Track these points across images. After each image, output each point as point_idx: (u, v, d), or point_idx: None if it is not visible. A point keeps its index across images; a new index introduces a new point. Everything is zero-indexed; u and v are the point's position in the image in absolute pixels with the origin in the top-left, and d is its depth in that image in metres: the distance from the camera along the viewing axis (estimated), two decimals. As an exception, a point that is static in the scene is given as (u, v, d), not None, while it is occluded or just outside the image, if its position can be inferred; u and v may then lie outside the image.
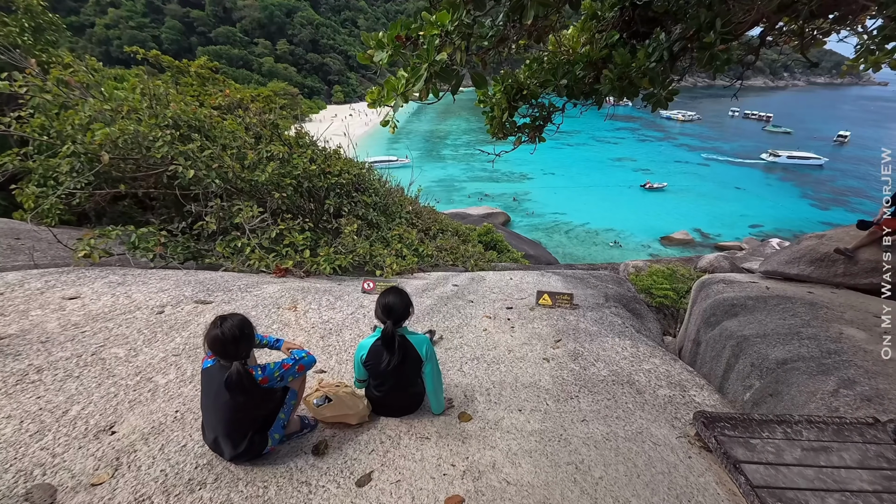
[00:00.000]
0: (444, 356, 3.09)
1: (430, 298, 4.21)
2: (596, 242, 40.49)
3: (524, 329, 3.45)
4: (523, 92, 3.30)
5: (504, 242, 11.93)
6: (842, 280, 4.96)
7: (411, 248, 7.17)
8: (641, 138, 79.85)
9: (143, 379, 2.42)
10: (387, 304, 2.37)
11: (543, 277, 6.90)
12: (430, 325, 3.47)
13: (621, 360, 3.10)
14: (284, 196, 5.91)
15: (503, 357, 3.14)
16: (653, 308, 8.38)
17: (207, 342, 1.89)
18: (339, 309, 3.59)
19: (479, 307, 3.96)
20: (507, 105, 3.34)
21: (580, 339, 3.31)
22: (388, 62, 2.40)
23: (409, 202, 8.81)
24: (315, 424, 2.34)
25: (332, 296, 3.87)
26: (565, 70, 3.13)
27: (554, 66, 3.18)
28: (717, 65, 2.87)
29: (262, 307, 3.48)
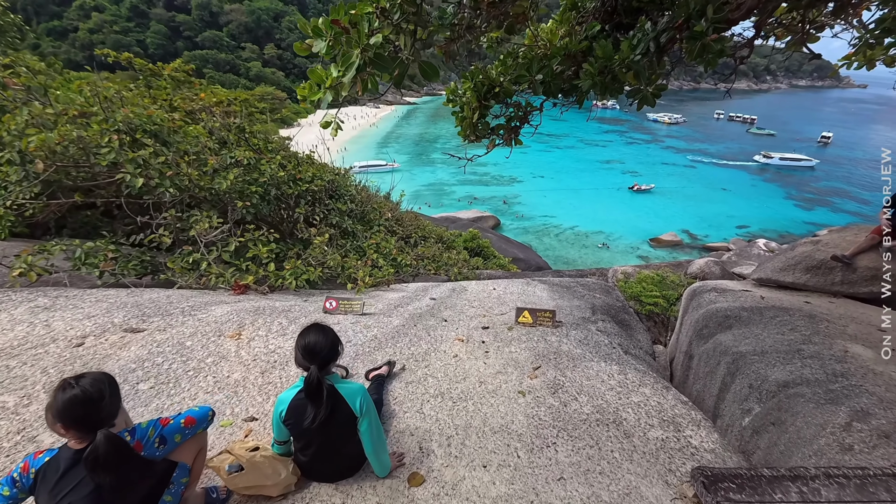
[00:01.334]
0: (404, 392, 2.71)
1: (399, 317, 3.82)
2: (585, 245, 40.51)
3: (500, 354, 3.07)
4: (495, 90, 2.95)
5: (490, 248, 11.58)
6: (840, 289, 4.68)
7: (388, 257, 6.79)
8: (629, 141, 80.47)
9: (24, 438, 2.00)
10: (307, 344, 1.90)
11: (528, 287, 6.56)
12: (393, 353, 3.06)
13: (607, 391, 2.73)
14: (249, 205, 5.49)
15: (472, 391, 2.74)
16: (643, 316, 8.10)
17: (56, 413, 1.38)
18: (291, 335, 3.17)
19: (452, 327, 3.58)
20: (478, 104, 2.98)
21: (562, 366, 2.94)
22: (327, 53, 2.03)
23: (388, 208, 8.42)
24: (227, 497, 1.89)
25: (287, 318, 3.47)
26: (541, 64, 2.79)
27: (529, 60, 2.83)
28: (709, 57, 2.55)
29: (200, 335, 3.06)
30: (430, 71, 2.00)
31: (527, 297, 5.83)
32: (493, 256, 11.36)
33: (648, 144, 77.88)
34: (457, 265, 8.44)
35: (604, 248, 39.64)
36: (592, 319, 4.49)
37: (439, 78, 2.18)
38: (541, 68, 2.78)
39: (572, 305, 5.23)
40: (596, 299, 5.98)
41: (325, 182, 6.77)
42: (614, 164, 64.50)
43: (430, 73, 1.99)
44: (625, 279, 8.39)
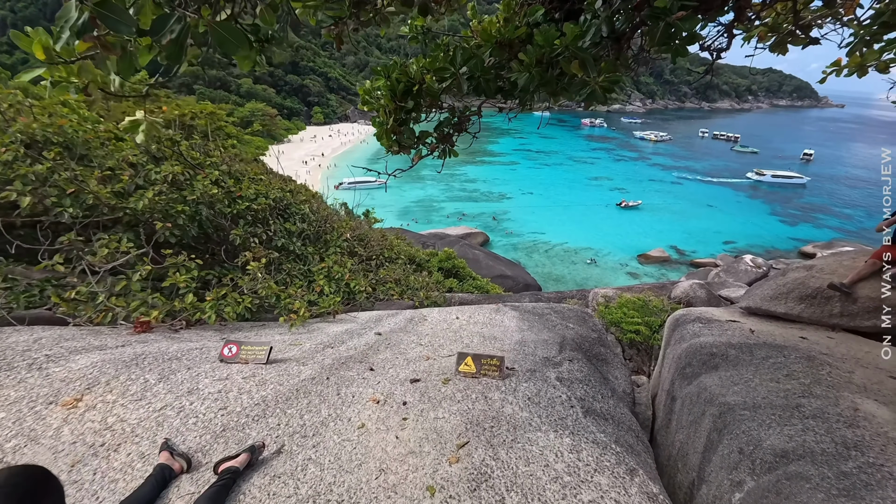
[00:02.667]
0: (263, 494, 1.97)
1: (315, 365, 3.11)
2: (574, 261, 40.21)
3: (421, 422, 2.37)
4: (414, 88, 2.35)
5: (466, 269, 10.95)
6: (839, 321, 4.09)
7: (340, 283, 6.11)
8: (617, 158, 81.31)
9: None
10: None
11: (497, 315, 5.93)
12: (277, 424, 2.37)
13: (549, 483, 2.01)
14: (171, 226, 4.80)
15: (365, 487, 2.00)
16: (625, 344, 7.46)
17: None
18: (151, 398, 2.43)
19: (374, 381, 2.89)
20: (394, 106, 2.38)
21: (497, 440, 2.23)
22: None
23: (349, 228, 7.77)
24: None
25: (162, 372, 2.76)
26: (468, 56, 2.20)
27: (453, 51, 2.25)
28: (676, 45, 1.97)
29: (25, 402, 2.33)
30: (227, 40, 1.35)
31: (492, 328, 5.19)
32: (469, 277, 10.72)
33: (636, 161, 78.73)
34: (425, 289, 7.78)
35: (592, 264, 39.37)
36: (556, 360, 3.84)
37: (247, 54, 1.55)
38: (467, 60, 2.18)
39: (539, 340, 4.59)
40: (568, 330, 5.35)
41: (271, 200, 6.11)
42: (602, 180, 64.89)
43: (229, 44, 1.35)
44: (605, 303, 7.78)
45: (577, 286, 35.42)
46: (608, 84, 1.87)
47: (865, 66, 4.49)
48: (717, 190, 60.97)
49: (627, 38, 2.25)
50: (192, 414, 2.25)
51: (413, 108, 2.38)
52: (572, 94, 1.98)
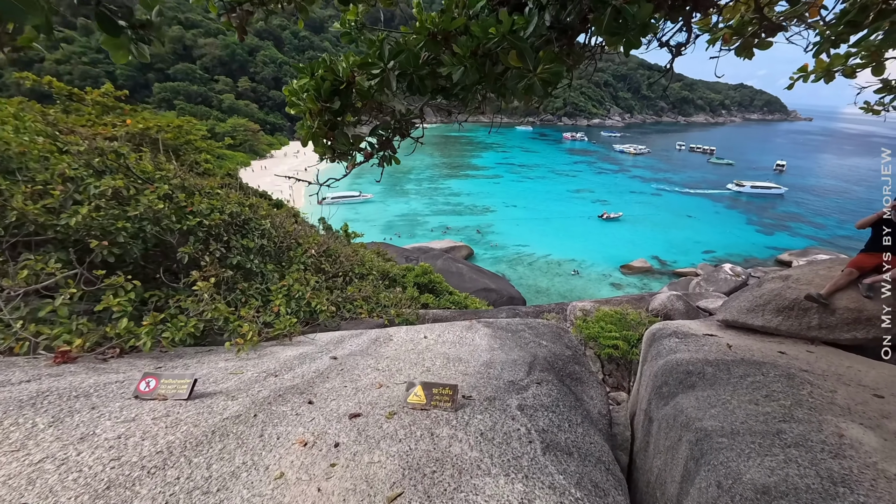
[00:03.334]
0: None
1: (245, 400, 2.71)
2: (558, 273, 40.31)
3: (351, 469, 2.00)
4: (342, 87, 2.09)
5: (443, 284, 10.65)
6: (818, 334, 3.91)
7: (301, 302, 5.75)
8: (598, 171, 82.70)
9: None
10: None
11: (468, 333, 5.65)
12: (177, 476, 1.93)
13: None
14: (106, 244, 4.41)
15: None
16: (603, 358, 7.22)
17: None
18: (32, 448, 1.92)
19: (308, 417, 2.52)
20: (319, 108, 2.10)
21: (436, 490, 1.86)
22: None
23: (316, 243, 7.43)
24: None
25: (58, 413, 2.35)
26: (397, 50, 1.94)
27: (382, 45, 1.99)
28: (627, 34, 1.75)
29: None
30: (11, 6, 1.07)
31: (460, 347, 4.89)
32: (446, 292, 10.41)
33: (616, 174, 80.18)
34: (396, 306, 7.45)
35: (576, 275, 39.52)
36: (523, 384, 3.54)
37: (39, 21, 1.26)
38: (397, 54, 1.93)
39: (508, 360, 4.30)
40: (541, 348, 5.07)
41: (226, 215, 5.74)
42: (584, 192, 65.75)
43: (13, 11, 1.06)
44: (583, 316, 7.55)
45: (561, 298, 35.38)
46: (549, 76, 1.63)
47: (832, 72, 4.42)
48: (696, 201, 62.30)
49: (578, 29, 2.03)
50: (76, 467, 1.87)
51: (340, 110, 2.10)
52: (510, 87, 1.74)
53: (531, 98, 1.77)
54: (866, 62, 4.26)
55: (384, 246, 26.07)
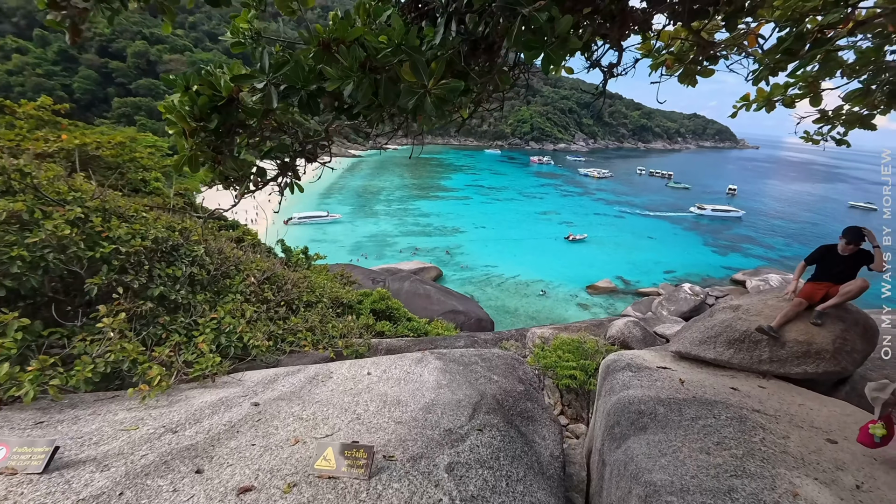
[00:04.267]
0: None
1: (116, 471, 2.20)
2: (526, 294, 40.51)
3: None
4: (222, 103, 1.76)
5: (402, 310, 10.22)
6: (769, 367, 3.78)
7: (232, 336, 5.23)
8: (564, 193, 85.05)
9: None
10: None
11: (417, 367, 5.28)
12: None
13: None
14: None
15: None
16: (562, 389, 6.97)
17: None
18: None
19: (186, 494, 2.10)
20: (194, 127, 1.76)
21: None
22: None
23: (257, 269, 6.92)
24: None
25: None
26: (280, 61, 1.64)
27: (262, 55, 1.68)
28: (545, 49, 1.52)
29: None
30: None
31: (404, 386, 4.50)
32: (404, 319, 9.98)
33: (581, 196, 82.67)
34: (346, 336, 6.98)
35: (544, 296, 39.81)
36: (462, 432, 3.20)
37: None
38: (280, 66, 1.62)
39: (452, 401, 3.95)
40: (491, 385, 4.76)
41: (149, 241, 5.20)
42: (551, 214, 67.20)
43: None
44: (542, 344, 7.32)
45: (529, 318, 35.42)
46: (443, 92, 1.37)
47: (773, 101, 4.46)
48: (656, 223, 64.82)
49: (499, 43, 1.79)
50: None
51: (220, 129, 1.77)
52: (401, 105, 1.47)
53: (430, 118, 1.50)
54: (804, 93, 4.33)
55: (350, 267, 25.36)
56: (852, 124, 4.64)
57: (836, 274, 3.89)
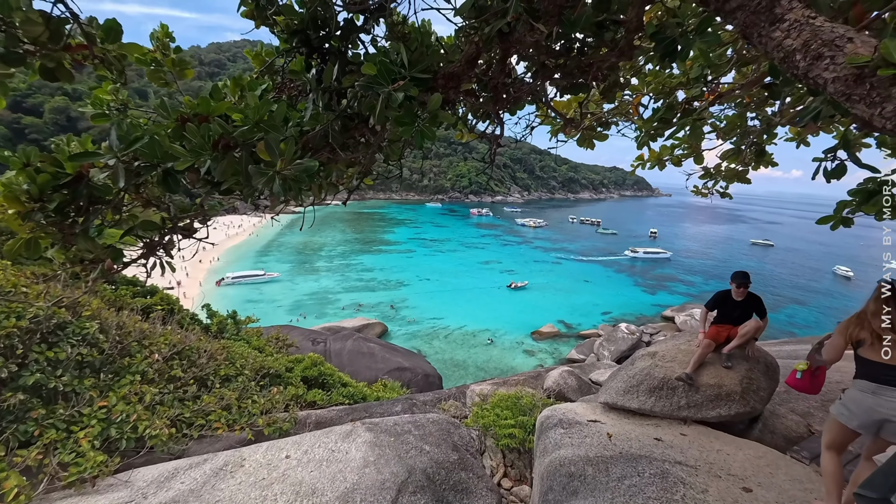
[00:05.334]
0: None
1: None
2: (474, 344, 40.31)
3: None
4: (67, 181, 1.56)
5: (336, 375, 9.59)
6: (688, 413, 3.88)
7: (125, 427, 4.53)
8: (504, 242, 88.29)
9: None
10: None
11: (344, 442, 4.88)
12: None
13: None
14: None
15: None
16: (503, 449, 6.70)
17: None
18: None
19: None
20: (28, 208, 1.54)
21: None
22: None
23: (167, 343, 6.22)
24: None
25: None
26: (130, 137, 1.50)
27: (110, 129, 1.54)
28: (418, 124, 1.51)
29: None
30: None
31: (325, 469, 4.09)
32: (339, 384, 9.34)
33: (520, 245, 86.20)
34: (268, 413, 6.33)
35: (491, 344, 39.81)
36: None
37: None
38: (131, 142, 1.48)
39: (375, 483, 3.60)
40: (422, 457, 4.46)
41: (26, 321, 4.51)
42: (493, 264, 68.98)
43: None
44: (481, 401, 7.08)
45: (477, 369, 34.97)
46: (297, 174, 1.30)
47: (663, 160, 4.96)
48: (591, 267, 68.65)
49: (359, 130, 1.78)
50: None
51: (61, 209, 1.56)
52: (255, 185, 1.38)
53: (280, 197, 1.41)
54: (689, 153, 4.86)
55: (288, 329, 23.88)
56: (731, 179, 5.23)
57: (736, 317, 4.19)
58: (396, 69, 1.46)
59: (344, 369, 22.10)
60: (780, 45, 1.00)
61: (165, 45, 2.12)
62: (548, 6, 1.35)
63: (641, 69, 3.58)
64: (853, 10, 1.21)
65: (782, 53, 1.00)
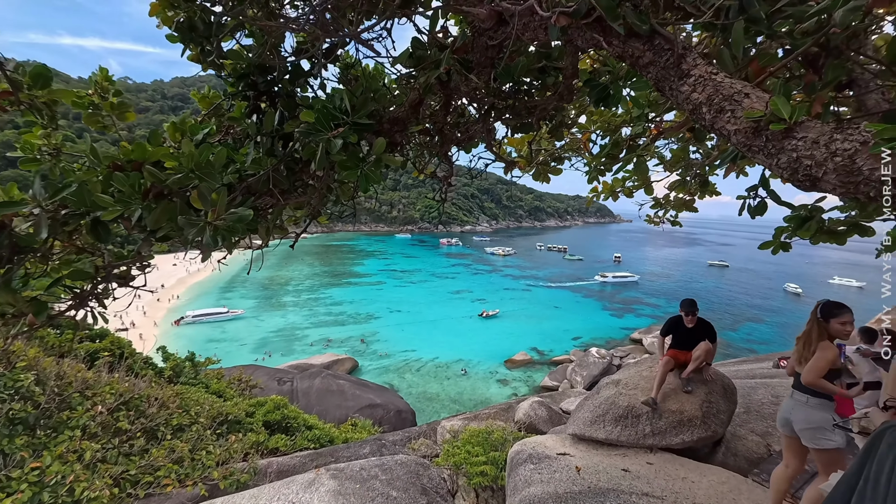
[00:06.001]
0: None
1: None
2: (447, 376, 39.63)
3: None
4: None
5: (300, 417, 9.12)
6: (653, 441, 3.90)
7: (59, 490, 4.09)
8: (474, 271, 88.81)
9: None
10: None
11: (306, 493, 4.62)
12: None
13: None
14: None
15: None
16: (476, 487, 6.48)
17: None
18: None
19: None
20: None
21: None
22: None
23: (112, 393, 5.76)
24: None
25: None
26: (61, 184, 1.43)
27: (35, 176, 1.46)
28: (363, 168, 1.52)
29: None
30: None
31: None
32: (304, 428, 8.88)
33: (490, 274, 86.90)
34: (225, 464, 5.90)
35: (464, 375, 39.26)
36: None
37: None
38: (56, 192, 1.41)
39: (338, 538, 3.38)
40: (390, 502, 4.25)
41: (-56, 379, 4.08)
42: (464, 293, 68.97)
43: None
44: (452, 438, 6.88)
45: (451, 402, 34.23)
46: (230, 223, 1.26)
47: (616, 192, 5.19)
48: (560, 293, 69.82)
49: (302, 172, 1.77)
50: None
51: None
52: (186, 235, 1.33)
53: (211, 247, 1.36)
54: (639, 185, 5.11)
55: (251, 369, 22.76)
56: (679, 207, 5.51)
57: (689, 342, 4.32)
58: (339, 115, 1.47)
59: (312, 409, 21.13)
60: (689, 98, 1.09)
61: (105, 88, 2.06)
62: (479, 58, 1.42)
63: (588, 108, 3.79)
64: (750, 65, 1.34)
65: (691, 106, 1.09)
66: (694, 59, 1.11)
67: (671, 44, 1.12)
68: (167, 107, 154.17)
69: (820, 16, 1.20)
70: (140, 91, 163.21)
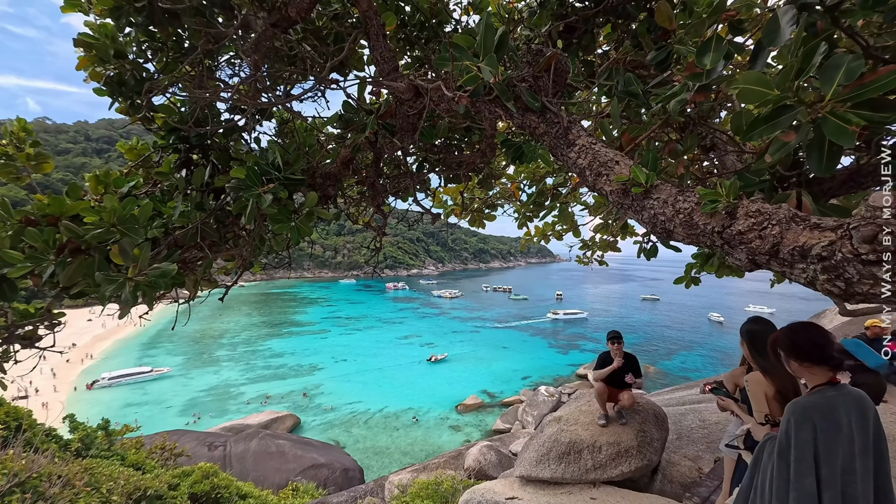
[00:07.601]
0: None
1: None
2: (397, 426, 37.93)
3: None
4: None
5: (233, 486, 8.27)
6: (595, 476, 4.01)
7: None
8: (422, 315, 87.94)
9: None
10: None
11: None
12: None
13: None
14: None
15: None
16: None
17: None
18: None
19: None
20: None
21: None
22: None
23: (0, 475, 4.94)
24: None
25: None
26: None
27: None
28: (294, 221, 1.57)
29: None
30: None
31: None
32: (236, 497, 8.04)
33: (438, 317, 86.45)
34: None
35: (415, 423, 37.80)
36: None
37: None
38: None
39: None
40: (331, 573, 3.92)
41: None
42: (412, 338, 67.73)
43: None
44: (400, 493, 6.57)
45: (402, 454, 32.58)
46: (152, 279, 1.26)
47: (547, 235, 5.57)
48: (507, 333, 70.71)
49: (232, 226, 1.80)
50: None
51: None
52: (104, 291, 1.30)
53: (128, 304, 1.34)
54: (568, 228, 5.52)
55: (177, 434, 20.41)
56: (605, 248, 5.98)
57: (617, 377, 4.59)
58: (271, 170, 1.54)
59: (248, 476, 19.22)
60: (575, 163, 1.30)
61: (21, 139, 1.99)
62: (402, 123, 1.59)
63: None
64: (623, 136, 1.63)
65: (577, 169, 1.30)
66: (578, 130, 1.33)
67: (559, 118, 1.34)
68: (90, 149, 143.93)
69: (665, 103, 1.52)
70: (60, 132, 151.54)
